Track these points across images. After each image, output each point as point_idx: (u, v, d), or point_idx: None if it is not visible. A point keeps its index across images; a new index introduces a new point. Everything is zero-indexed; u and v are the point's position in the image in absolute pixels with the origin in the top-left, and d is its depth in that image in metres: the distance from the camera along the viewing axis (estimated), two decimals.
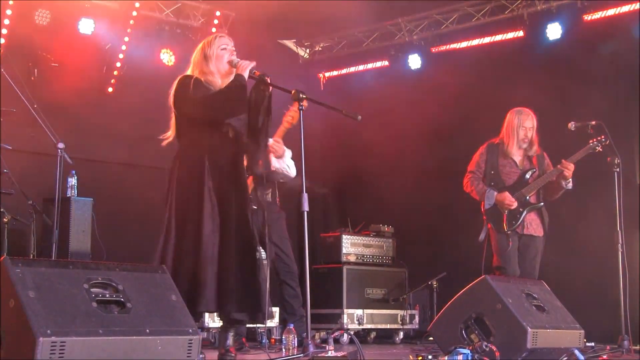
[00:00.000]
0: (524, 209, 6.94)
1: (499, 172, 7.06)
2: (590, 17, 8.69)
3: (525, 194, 6.95)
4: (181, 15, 9.65)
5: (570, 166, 6.84)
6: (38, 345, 3.34)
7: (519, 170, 7.05)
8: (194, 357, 3.90)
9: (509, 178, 7.05)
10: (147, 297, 3.93)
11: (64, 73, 8.66)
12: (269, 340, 7.52)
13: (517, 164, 7.06)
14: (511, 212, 6.93)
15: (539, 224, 7.03)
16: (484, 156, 7.14)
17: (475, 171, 7.15)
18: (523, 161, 7.09)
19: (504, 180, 7.04)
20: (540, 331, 4.90)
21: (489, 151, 7.13)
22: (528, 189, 6.96)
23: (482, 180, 7.11)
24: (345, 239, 8.55)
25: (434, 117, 9.56)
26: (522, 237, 6.99)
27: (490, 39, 9.43)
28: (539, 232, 7.02)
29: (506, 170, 7.06)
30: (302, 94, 4.93)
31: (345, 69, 10.75)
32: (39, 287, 3.56)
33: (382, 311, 8.57)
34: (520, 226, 6.93)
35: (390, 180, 9.82)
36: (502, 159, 7.07)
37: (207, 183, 4.94)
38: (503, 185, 7.02)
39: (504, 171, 7.06)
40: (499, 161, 7.07)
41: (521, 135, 6.99)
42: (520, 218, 6.92)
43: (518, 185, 7.00)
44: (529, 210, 6.96)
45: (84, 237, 7.56)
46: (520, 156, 7.09)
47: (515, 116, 7.02)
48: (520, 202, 6.94)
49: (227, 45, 5.21)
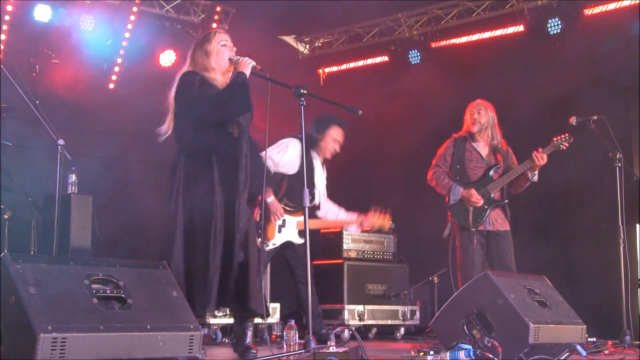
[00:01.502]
0: (489, 206, 6.93)
1: (465, 167, 7.05)
2: (591, 12, 8.68)
3: (490, 190, 6.95)
4: (181, 11, 9.66)
5: (544, 157, 6.81)
6: (39, 341, 3.34)
7: (485, 165, 7.04)
8: (195, 353, 3.90)
9: (474, 173, 7.04)
10: (148, 293, 3.93)
11: (65, 69, 8.67)
12: (270, 336, 7.53)
13: (484, 159, 7.06)
14: (476, 209, 6.92)
15: (504, 219, 7.02)
16: (451, 149, 7.12)
17: (440, 165, 7.13)
18: (489, 156, 7.08)
19: (469, 176, 7.03)
20: (542, 326, 4.89)
21: (456, 145, 7.11)
22: (493, 186, 6.95)
23: (447, 175, 7.09)
24: (346, 234, 8.54)
25: (435, 112, 9.55)
26: (490, 234, 6.98)
27: (490, 34, 9.42)
28: (506, 226, 7.01)
29: (472, 165, 7.06)
30: (302, 89, 4.92)
31: (345, 65, 10.74)
32: (39, 283, 3.56)
33: (383, 307, 8.56)
34: (484, 223, 6.92)
35: (391, 175, 9.81)
36: (469, 152, 7.06)
37: (216, 180, 4.93)
38: (468, 181, 7.01)
39: (470, 166, 7.05)
40: (465, 155, 7.06)
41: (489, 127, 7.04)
42: (484, 215, 6.91)
43: (483, 182, 6.99)
44: (493, 207, 6.95)
45: (85, 233, 7.56)
46: (485, 150, 7.09)
47: (485, 108, 7.09)
48: (485, 199, 6.93)
49: (227, 42, 5.18)
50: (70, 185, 7.63)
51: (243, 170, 4.99)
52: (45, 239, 7.29)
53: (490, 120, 7.08)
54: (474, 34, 9.52)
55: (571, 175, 8.40)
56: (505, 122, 7.62)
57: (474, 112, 7.09)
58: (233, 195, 4.92)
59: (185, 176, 4.96)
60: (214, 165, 4.94)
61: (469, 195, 6.92)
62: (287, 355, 5.04)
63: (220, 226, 4.88)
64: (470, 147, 7.07)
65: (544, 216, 8.68)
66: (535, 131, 7.94)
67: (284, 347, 5.82)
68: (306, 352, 4.58)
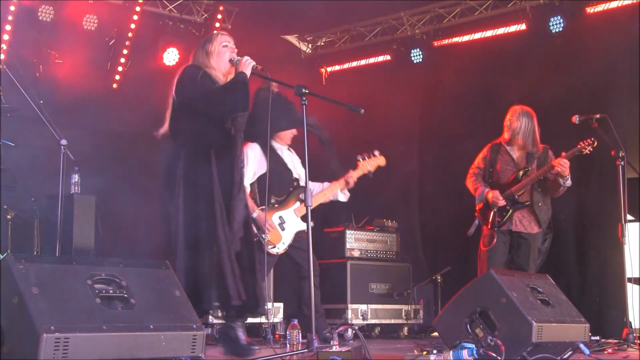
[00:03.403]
0: (511, 207, 7.04)
1: (497, 170, 7.20)
2: (593, 10, 8.67)
3: (515, 192, 7.05)
4: (184, 10, 9.67)
5: (563, 162, 6.83)
6: (42, 341, 3.34)
7: (515, 169, 7.14)
8: (198, 353, 3.90)
9: (505, 176, 7.16)
10: (150, 292, 3.93)
11: (68, 70, 8.67)
12: (273, 335, 7.53)
13: (515, 162, 7.15)
14: (500, 209, 7.06)
15: (532, 220, 7.08)
16: (485, 154, 7.29)
17: (476, 169, 7.32)
18: (520, 159, 7.16)
19: (500, 178, 7.17)
20: (545, 325, 4.89)
21: (492, 150, 7.27)
22: (518, 188, 7.04)
23: (482, 178, 7.25)
24: (349, 234, 8.54)
25: (437, 111, 9.55)
26: (513, 235, 7.12)
27: (492, 33, 9.42)
28: (532, 229, 7.08)
29: (503, 168, 7.18)
30: (304, 88, 4.92)
31: (347, 64, 10.74)
32: (42, 283, 3.56)
33: (387, 306, 8.56)
34: (507, 224, 7.05)
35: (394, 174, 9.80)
36: (501, 156, 7.19)
37: (215, 177, 4.93)
38: (497, 184, 7.14)
39: (501, 169, 7.18)
40: (498, 158, 7.20)
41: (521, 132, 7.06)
42: (506, 216, 7.04)
43: (511, 184, 7.10)
44: (515, 208, 7.05)
45: (88, 233, 7.57)
46: (519, 154, 7.17)
47: (518, 115, 7.09)
48: (509, 201, 7.04)
49: (228, 43, 5.21)
50: (73, 186, 7.64)
51: (238, 171, 5.00)
52: (48, 239, 7.30)
53: (524, 126, 7.10)
54: (476, 32, 9.52)
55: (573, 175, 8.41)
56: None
57: (507, 119, 7.19)
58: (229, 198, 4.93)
59: (185, 172, 4.96)
60: (212, 162, 4.95)
61: (490, 196, 7.07)
62: (290, 354, 5.04)
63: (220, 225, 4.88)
64: (503, 150, 7.21)
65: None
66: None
67: (287, 347, 5.82)
68: (309, 351, 4.58)
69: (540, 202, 7.09)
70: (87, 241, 7.53)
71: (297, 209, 6.86)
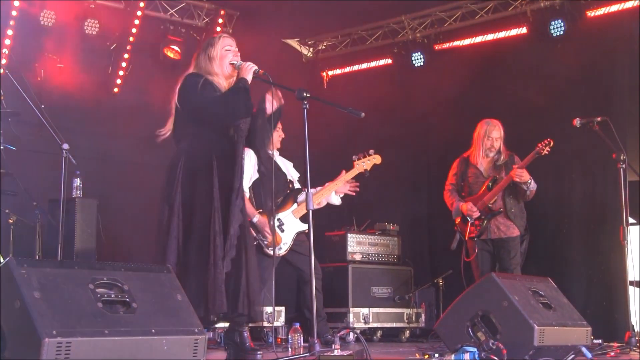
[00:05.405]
0: (486, 217, 7.29)
1: (468, 182, 7.47)
2: (594, 13, 8.67)
3: (486, 202, 7.29)
4: (186, 14, 9.67)
5: (519, 172, 7.11)
6: (43, 346, 3.34)
7: (484, 179, 7.38)
8: (200, 357, 3.89)
9: (476, 188, 7.42)
10: (152, 297, 3.93)
11: (70, 74, 8.67)
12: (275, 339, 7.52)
13: (483, 173, 7.41)
14: (475, 220, 7.30)
15: (510, 225, 7.31)
16: (455, 169, 7.58)
17: (450, 185, 7.59)
18: (488, 170, 7.42)
19: (472, 191, 7.44)
20: (547, 328, 4.89)
21: (460, 164, 7.55)
22: (489, 197, 7.28)
23: (457, 192, 7.53)
24: (351, 237, 8.54)
25: (438, 115, 9.54)
26: (494, 242, 7.36)
27: (493, 36, 9.43)
28: (511, 233, 7.32)
29: (473, 180, 7.45)
30: (305, 92, 4.92)
31: (348, 67, 10.75)
32: (44, 287, 3.56)
33: (388, 310, 8.56)
34: (485, 233, 7.31)
35: (395, 178, 9.80)
36: (471, 169, 7.46)
37: (215, 183, 4.93)
38: (470, 196, 7.41)
39: (472, 181, 7.46)
40: (468, 172, 7.47)
41: (487, 144, 7.37)
42: (482, 225, 7.28)
43: (483, 194, 7.33)
44: (490, 217, 7.29)
45: (89, 237, 7.57)
46: (486, 165, 7.43)
47: (483, 127, 7.41)
48: (482, 210, 7.29)
49: (230, 47, 5.20)
50: (75, 190, 7.64)
51: (238, 177, 5.00)
52: (50, 243, 7.30)
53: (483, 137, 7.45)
54: (477, 36, 9.53)
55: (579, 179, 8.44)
56: (508, 123, 7.65)
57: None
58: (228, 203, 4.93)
59: (184, 177, 4.96)
60: (213, 167, 4.95)
61: (463, 208, 7.35)
62: (292, 358, 5.04)
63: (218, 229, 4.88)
64: (471, 163, 7.48)
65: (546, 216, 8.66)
66: (539, 132, 7.92)
67: (289, 350, 5.82)
68: (311, 355, 4.58)
69: (514, 209, 7.33)
70: (89, 245, 7.53)
71: (295, 211, 6.93)
